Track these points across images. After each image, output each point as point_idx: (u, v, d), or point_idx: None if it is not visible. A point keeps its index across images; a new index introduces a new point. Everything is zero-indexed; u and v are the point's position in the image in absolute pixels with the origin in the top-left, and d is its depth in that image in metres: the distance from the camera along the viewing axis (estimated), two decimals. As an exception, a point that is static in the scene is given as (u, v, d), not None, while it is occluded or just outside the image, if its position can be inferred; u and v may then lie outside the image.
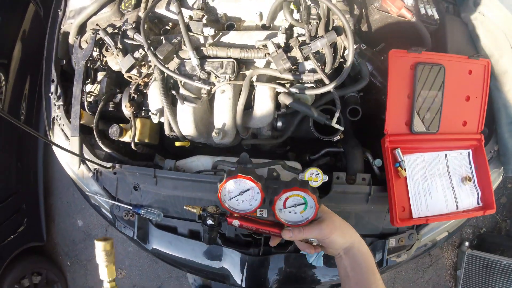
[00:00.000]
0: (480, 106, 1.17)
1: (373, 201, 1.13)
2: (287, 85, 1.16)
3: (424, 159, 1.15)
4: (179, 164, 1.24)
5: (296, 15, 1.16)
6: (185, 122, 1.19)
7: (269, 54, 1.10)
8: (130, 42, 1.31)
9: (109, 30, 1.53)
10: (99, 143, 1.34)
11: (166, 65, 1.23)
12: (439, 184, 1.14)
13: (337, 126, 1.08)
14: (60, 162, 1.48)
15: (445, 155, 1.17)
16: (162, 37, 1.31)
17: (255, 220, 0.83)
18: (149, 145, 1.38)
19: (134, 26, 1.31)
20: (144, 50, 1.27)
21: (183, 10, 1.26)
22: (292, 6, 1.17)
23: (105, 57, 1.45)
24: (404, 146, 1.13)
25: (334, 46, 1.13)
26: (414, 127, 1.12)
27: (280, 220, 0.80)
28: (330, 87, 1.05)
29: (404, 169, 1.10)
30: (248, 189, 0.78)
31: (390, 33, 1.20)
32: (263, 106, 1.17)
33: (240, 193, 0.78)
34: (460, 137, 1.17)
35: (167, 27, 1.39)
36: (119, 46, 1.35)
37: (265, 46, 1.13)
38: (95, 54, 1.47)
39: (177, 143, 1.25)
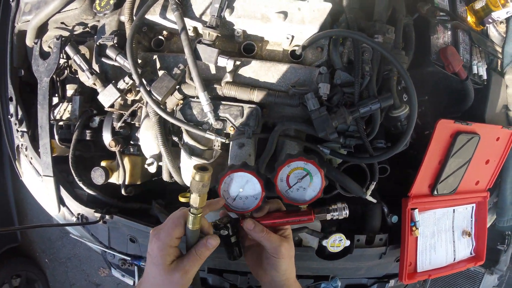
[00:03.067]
0: (495, 167, 0.99)
1: (385, 256, 0.96)
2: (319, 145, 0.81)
3: (435, 215, 0.97)
4: None
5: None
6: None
7: (305, 106, 0.72)
8: (111, 63, 0.80)
9: (78, 29, 0.95)
10: (80, 184, 0.91)
11: (165, 103, 0.78)
12: (443, 239, 0.99)
13: (371, 199, 0.81)
14: (36, 200, 1.03)
15: (453, 210, 1.00)
16: (155, 56, 0.81)
17: (275, 216, 0.63)
18: (142, 184, 0.99)
19: (115, 41, 0.78)
20: (131, 78, 0.79)
21: (187, 20, 0.76)
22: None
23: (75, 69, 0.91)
24: (422, 206, 0.93)
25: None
26: (436, 191, 0.91)
27: (291, 202, 0.62)
28: (374, 160, 0.75)
29: (418, 229, 0.93)
30: (247, 182, 0.61)
31: (437, 84, 0.87)
32: (287, 162, 0.83)
33: (240, 190, 0.61)
34: (470, 195, 1.00)
35: (160, 37, 0.86)
36: (95, 67, 0.83)
37: (300, 95, 0.73)
38: (61, 61, 0.92)
39: (181, 199, 0.88)
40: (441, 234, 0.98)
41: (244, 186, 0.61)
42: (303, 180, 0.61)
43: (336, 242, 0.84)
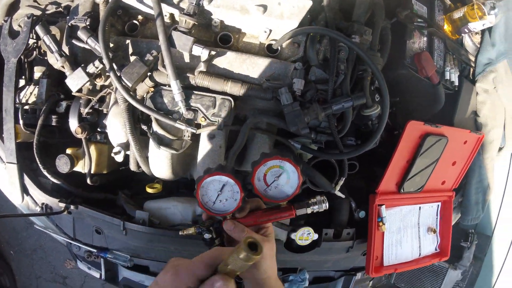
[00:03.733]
0: (462, 169, 1.04)
1: (353, 250, 0.98)
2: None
3: (402, 212, 1.01)
4: (150, 207, 0.86)
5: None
6: (159, 166, 0.79)
7: (278, 100, 0.72)
8: (81, 45, 0.76)
9: (51, 8, 0.90)
10: (44, 172, 0.87)
11: (135, 90, 0.75)
12: (409, 235, 1.03)
13: (339, 194, 0.82)
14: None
15: (419, 208, 1.04)
16: (128, 40, 0.78)
17: (256, 215, 0.62)
18: (108, 173, 0.95)
19: (88, 22, 0.74)
20: (101, 62, 0.75)
21: (164, 6, 0.73)
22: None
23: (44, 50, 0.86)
24: (389, 203, 0.96)
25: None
26: (403, 189, 0.94)
27: (270, 201, 0.62)
28: (344, 156, 0.76)
29: (384, 224, 0.96)
30: (224, 185, 0.61)
31: (409, 87, 0.89)
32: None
33: (218, 193, 0.61)
34: (436, 194, 1.05)
35: (135, 22, 0.83)
36: (65, 49, 0.79)
37: (274, 88, 0.73)
38: (30, 41, 0.86)
39: (149, 189, 0.85)
40: (407, 230, 1.02)
41: (222, 189, 0.61)
42: (280, 178, 0.61)
43: (305, 235, 0.85)
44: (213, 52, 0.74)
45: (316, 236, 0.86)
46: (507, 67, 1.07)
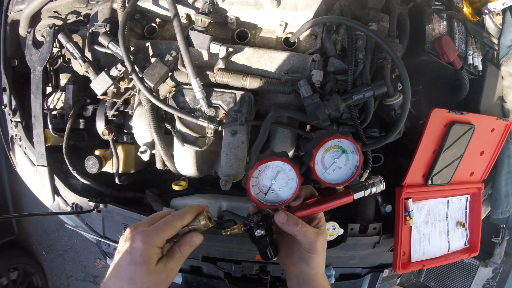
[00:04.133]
0: (490, 159, 0.99)
1: (379, 246, 0.96)
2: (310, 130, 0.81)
3: (430, 206, 0.97)
4: (177, 204, 0.88)
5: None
6: (184, 164, 0.81)
7: (298, 93, 0.72)
8: (103, 50, 0.79)
9: (72, 18, 0.94)
10: (74, 173, 0.91)
11: (157, 90, 0.78)
12: (437, 230, 0.99)
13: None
14: (29, 188, 1.03)
15: (448, 201, 1.00)
16: (147, 43, 0.81)
17: (309, 203, 0.58)
18: (136, 173, 0.98)
19: (107, 28, 0.78)
20: (123, 65, 0.78)
21: (179, 7, 0.75)
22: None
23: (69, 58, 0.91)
24: (416, 196, 0.93)
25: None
26: (430, 181, 0.91)
27: (330, 185, 0.57)
28: (367, 148, 0.75)
29: (412, 219, 0.93)
30: (278, 172, 0.54)
31: (431, 74, 0.87)
32: (282, 149, 0.81)
33: (272, 182, 0.55)
34: (464, 186, 1.00)
35: (153, 25, 0.86)
36: (88, 55, 0.83)
37: (293, 81, 0.73)
38: (54, 50, 0.91)
39: (175, 187, 0.88)
40: (435, 225, 0.98)
41: (276, 177, 0.55)
42: (339, 159, 0.56)
43: (330, 230, 0.84)
44: (230, 49, 0.75)
45: (341, 231, 0.85)
46: (534, 48, 1.01)
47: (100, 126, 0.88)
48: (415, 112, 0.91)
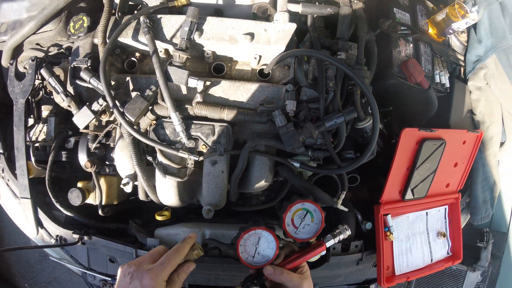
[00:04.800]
0: (464, 169, 1.05)
1: (363, 262, 0.99)
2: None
3: (409, 219, 1.02)
4: (161, 234, 0.89)
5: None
6: (167, 194, 0.83)
7: (273, 122, 0.76)
8: (85, 85, 0.82)
9: (53, 50, 0.97)
10: (57, 205, 0.92)
11: (138, 124, 0.81)
12: (418, 242, 1.04)
13: (342, 207, 0.85)
14: (12, 220, 1.03)
15: (426, 213, 1.05)
16: (128, 78, 0.84)
17: (292, 258, 0.73)
18: (119, 204, 1.00)
19: (89, 63, 0.81)
20: (104, 100, 0.81)
21: (158, 43, 0.79)
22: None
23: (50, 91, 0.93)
24: (394, 211, 0.98)
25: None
26: (406, 196, 0.96)
27: (302, 240, 0.75)
28: (342, 170, 0.79)
29: (392, 234, 0.97)
30: (259, 238, 0.71)
31: (401, 95, 0.93)
32: (261, 176, 0.84)
33: (256, 247, 0.71)
34: (441, 198, 1.05)
35: (133, 59, 0.90)
36: (70, 89, 0.85)
37: (268, 112, 0.77)
38: (36, 82, 0.94)
39: (158, 217, 0.89)
40: (416, 237, 1.03)
41: (258, 242, 0.70)
42: (306, 218, 0.74)
43: (313, 251, 0.87)
44: (208, 83, 0.79)
45: (324, 252, 0.88)
46: (497, 61, 1.09)
47: (83, 159, 0.90)
48: (387, 132, 0.96)
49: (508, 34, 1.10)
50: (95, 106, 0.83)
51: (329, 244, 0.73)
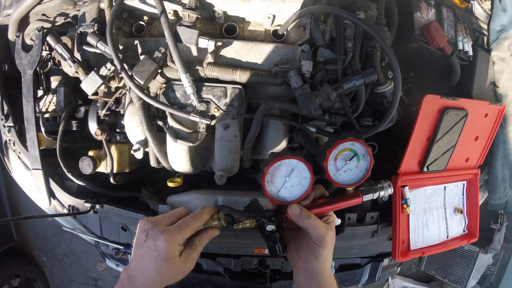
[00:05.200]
0: (485, 144, 0.99)
1: (378, 235, 0.96)
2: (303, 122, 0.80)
3: (426, 193, 0.97)
4: (173, 202, 0.87)
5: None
6: (178, 160, 0.81)
7: (288, 84, 0.72)
8: (92, 50, 0.79)
9: (60, 20, 0.94)
10: (69, 175, 0.91)
11: (148, 87, 0.78)
12: (435, 217, 1.00)
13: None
14: (26, 193, 1.03)
15: (444, 187, 1.00)
16: (136, 41, 0.80)
17: (321, 203, 0.61)
18: (131, 172, 0.98)
19: (95, 28, 0.77)
20: (112, 64, 0.78)
21: (166, 4, 0.75)
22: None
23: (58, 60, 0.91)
24: (412, 183, 0.93)
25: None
26: (425, 168, 0.91)
27: (340, 185, 0.62)
28: (361, 136, 0.75)
29: (409, 206, 0.93)
30: (292, 170, 0.58)
31: (422, 61, 0.87)
32: (275, 142, 0.81)
33: (285, 179, 0.59)
34: (460, 173, 1.00)
35: (141, 23, 0.85)
36: (77, 56, 0.82)
37: (283, 73, 0.73)
38: (44, 53, 0.91)
39: (170, 184, 0.87)
40: (433, 212, 0.99)
41: (290, 175, 0.58)
42: (351, 161, 0.61)
43: (327, 221, 0.84)
44: (219, 43, 0.75)
45: (339, 221, 0.85)
46: (523, 32, 1.01)
47: (93, 127, 0.88)
48: (407, 100, 0.91)
49: (535, 2, 1.02)
50: (103, 71, 0.80)
51: (366, 197, 0.61)
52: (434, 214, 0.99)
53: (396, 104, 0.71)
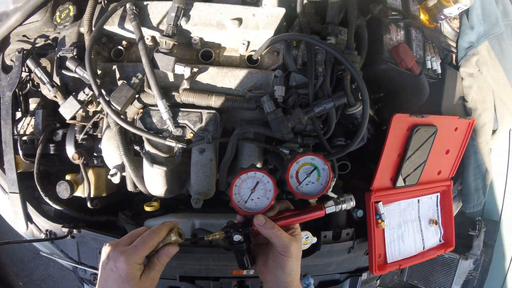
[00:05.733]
0: (456, 157, 1.03)
1: (354, 250, 0.97)
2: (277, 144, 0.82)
3: (400, 207, 1.00)
4: (150, 225, 0.83)
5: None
6: (155, 185, 0.81)
7: (262, 109, 0.73)
8: (71, 74, 0.79)
9: (40, 41, 0.94)
10: (46, 199, 0.89)
11: (125, 113, 0.78)
12: (410, 229, 1.02)
13: (332, 195, 0.82)
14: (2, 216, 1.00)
15: (418, 200, 1.03)
16: (114, 66, 0.81)
17: (286, 215, 0.63)
18: (108, 196, 0.96)
19: (75, 52, 0.78)
20: (90, 89, 0.78)
21: (144, 30, 0.76)
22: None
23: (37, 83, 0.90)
24: (386, 199, 0.96)
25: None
26: (398, 183, 0.94)
27: (302, 197, 0.65)
28: (331, 157, 0.77)
29: (384, 221, 0.95)
30: (258, 182, 0.62)
31: (392, 81, 0.90)
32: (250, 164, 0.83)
33: (251, 191, 0.62)
34: (433, 185, 1.04)
35: (120, 47, 0.86)
36: (56, 80, 0.82)
37: (257, 98, 0.74)
38: (23, 74, 0.90)
39: (147, 208, 0.86)
40: (408, 224, 1.01)
41: (255, 187, 0.62)
42: (312, 174, 0.64)
43: (303, 239, 0.85)
44: (195, 69, 0.76)
45: (315, 240, 0.86)
46: (489, 48, 1.06)
47: (70, 151, 0.87)
48: (378, 119, 0.94)
49: (500, 21, 1.08)
50: (81, 96, 0.80)
51: (329, 210, 0.64)
52: (409, 227, 1.01)
53: (364, 125, 0.74)
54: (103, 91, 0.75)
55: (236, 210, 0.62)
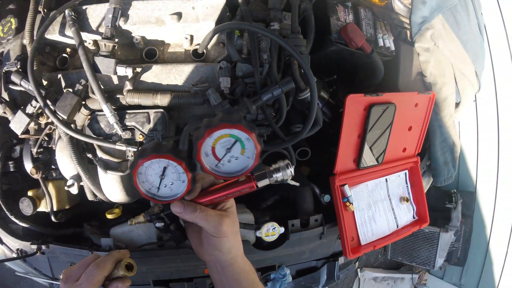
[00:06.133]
0: (420, 132, 1.00)
1: (326, 235, 0.94)
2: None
3: (368, 188, 0.97)
4: (115, 233, 0.83)
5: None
6: (113, 191, 0.77)
7: (209, 102, 0.70)
8: (17, 88, 0.75)
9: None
10: (12, 218, 0.85)
11: (73, 121, 0.73)
12: (381, 209, 1.00)
13: (293, 183, 0.79)
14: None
15: (386, 179, 1.01)
16: (59, 75, 0.76)
17: (210, 191, 0.54)
18: (72, 208, 0.91)
19: (19, 65, 0.74)
20: (37, 101, 0.74)
21: (85, 35, 0.72)
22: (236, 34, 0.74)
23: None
24: (351, 181, 0.93)
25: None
26: (361, 164, 0.91)
27: (225, 178, 0.52)
28: (286, 144, 0.73)
29: (352, 203, 0.92)
30: (165, 167, 0.49)
31: (345, 62, 0.87)
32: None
33: (160, 178, 0.50)
34: (399, 163, 1.01)
35: (64, 55, 0.82)
36: (5, 95, 0.78)
37: (202, 92, 0.71)
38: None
39: (108, 215, 0.83)
40: (378, 204, 0.99)
41: (164, 172, 0.50)
42: (233, 148, 0.49)
43: (270, 231, 0.82)
44: (138, 69, 0.72)
45: (282, 230, 0.83)
46: (444, 21, 1.03)
47: (28, 166, 0.83)
48: (334, 102, 0.91)
49: (453, -7, 1.04)
50: (29, 109, 0.76)
51: (261, 183, 0.51)
52: (379, 206, 0.99)
53: (314, 109, 0.70)
54: (48, 101, 0.71)
55: (149, 200, 0.52)
